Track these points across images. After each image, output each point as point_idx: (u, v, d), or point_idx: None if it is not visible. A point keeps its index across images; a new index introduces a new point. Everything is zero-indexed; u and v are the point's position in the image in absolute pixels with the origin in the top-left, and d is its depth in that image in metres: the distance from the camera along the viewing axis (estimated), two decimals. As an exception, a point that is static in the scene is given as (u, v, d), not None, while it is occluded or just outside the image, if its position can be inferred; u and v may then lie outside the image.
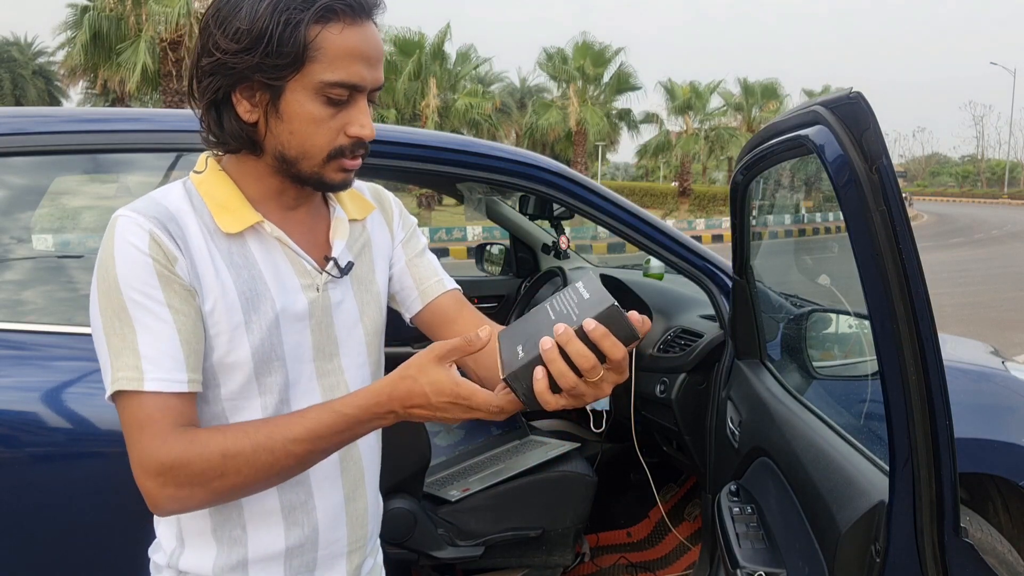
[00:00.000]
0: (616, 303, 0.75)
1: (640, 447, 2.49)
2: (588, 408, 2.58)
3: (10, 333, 1.59)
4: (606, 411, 2.57)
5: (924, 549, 1.18)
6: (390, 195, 1.15)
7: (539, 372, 0.76)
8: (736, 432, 1.94)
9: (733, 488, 1.75)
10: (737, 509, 1.66)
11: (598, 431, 2.55)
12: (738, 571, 1.48)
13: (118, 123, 1.73)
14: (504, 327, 0.92)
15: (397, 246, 1.12)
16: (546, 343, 0.76)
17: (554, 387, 0.77)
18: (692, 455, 2.29)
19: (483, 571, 2.34)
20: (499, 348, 0.88)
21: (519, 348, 0.82)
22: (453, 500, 2.16)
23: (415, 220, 1.17)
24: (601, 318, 0.75)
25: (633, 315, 0.77)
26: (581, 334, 0.75)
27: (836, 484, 1.36)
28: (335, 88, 0.88)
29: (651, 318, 2.62)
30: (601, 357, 0.75)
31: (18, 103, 37.92)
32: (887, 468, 1.21)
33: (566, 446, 2.42)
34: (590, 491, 2.33)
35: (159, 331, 0.85)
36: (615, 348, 0.75)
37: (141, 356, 0.83)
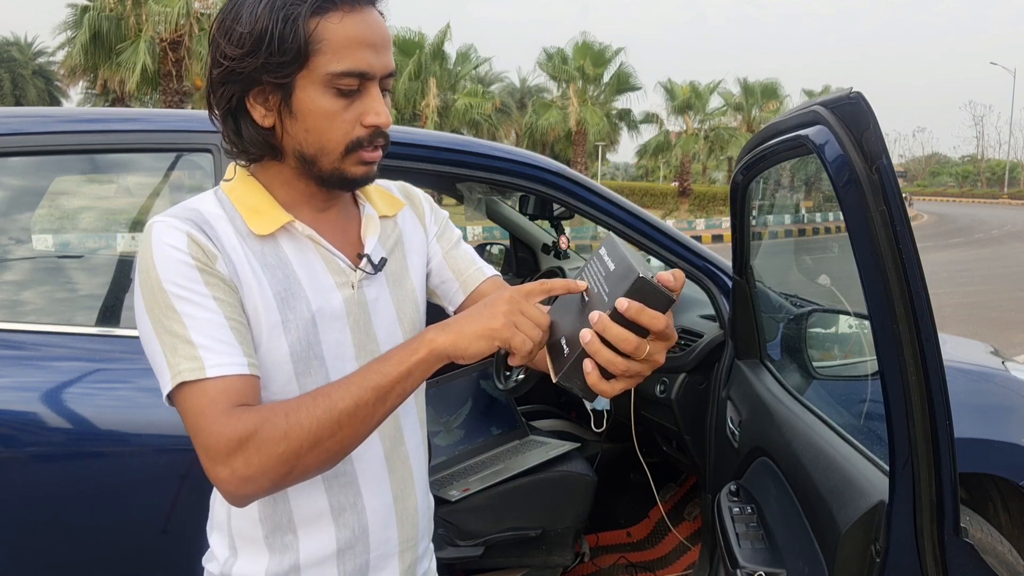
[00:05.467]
0: (641, 274, 0.73)
1: (640, 447, 2.49)
2: (588, 408, 2.59)
3: (10, 333, 1.59)
4: (606, 411, 2.56)
5: (924, 549, 1.18)
6: (419, 191, 1.15)
7: (588, 365, 0.76)
8: (736, 432, 1.94)
9: (733, 488, 1.75)
10: (737, 509, 1.66)
11: (598, 431, 2.55)
12: (738, 571, 1.48)
13: (117, 123, 1.73)
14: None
15: (432, 241, 1.12)
16: (585, 336, 0.75)
17: (607, 374, 0.76)
18: (692, 455, 2.29)
19: (483, 571, 2.34)
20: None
21: (563, 343, 0.81)
22: (453, 500, 2.16)
23: (447, 213, 1.16)
24: (632, 293, 0.73)
25: (662, 276, 0.74)
26: (617, 316, 0.73)
27: (836, 484, 1.36)
28: (343, 78, 0.88)
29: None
30: (643, 331, 0.74)
31: (18, 103, 37.92)
32: (887, 468, 1.21)
33: (566, 446, 2.42)
34: (590, 491, 2.33)
35: (209, 320, 0.84)
36: (654, 320, 0.73)
37: (197, 345, 0.83)
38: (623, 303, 0.72)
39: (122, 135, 1.70)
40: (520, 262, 3.64)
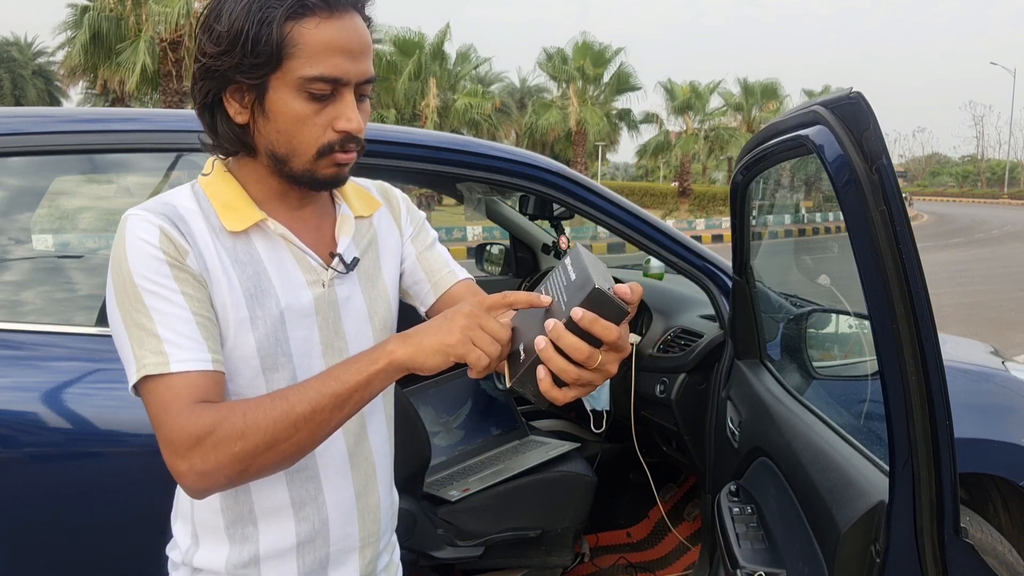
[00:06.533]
0: (597, 285, 0.74)
1: (640, 447, 2.49)
2: (588, 408, 2.59)
3: (10, 333, 1.59)
4: (606, 411, 2.57)
5: (924, 549, 1.18)
6: (397, 192, 1.16)
7: (541, 372, 0.77)
8: (736, 432, 1.94)
9: (733, 488, 1.75)
10: (737, 509, 1.66)
11: (598, 431, 2.55)
12: (738, 571, 1.48)
13: (117, 123, 1.73)
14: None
15: (406, 242, 1.13)
16: (540, 343, 0.76)
17: (559, 382, 0.77)
18: (692, 455, 2.29)
19: (482, 571, 2.34)
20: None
21: (521, 349, 0.82)
22: (453, 500, 2.16)
23: (424, 215, 1.17)
24: (587, 303, 0.74)
25: (620, 289, 0.76)
26: (571, 325, 0.75)
27: (836, 484, 1.36)
28: (316, 83, 0.88)
29: (651, 318, 2.62)
30: (596, 342, 0.75)
31: (18, 103, 37.91)
32: (887, 468, 1.21)
33: (566, 446, 2.42)
34: (590, 491, 2.33)
35: (176, 315, 0.86)
36: (607, 331, 0.74)
37: (163, 340, 0.84)
38: (577, 312, 0.74)
39: (122, 135, 1.70)
40: (520, 262, 3.64)
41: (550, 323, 0.76)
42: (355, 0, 0.91)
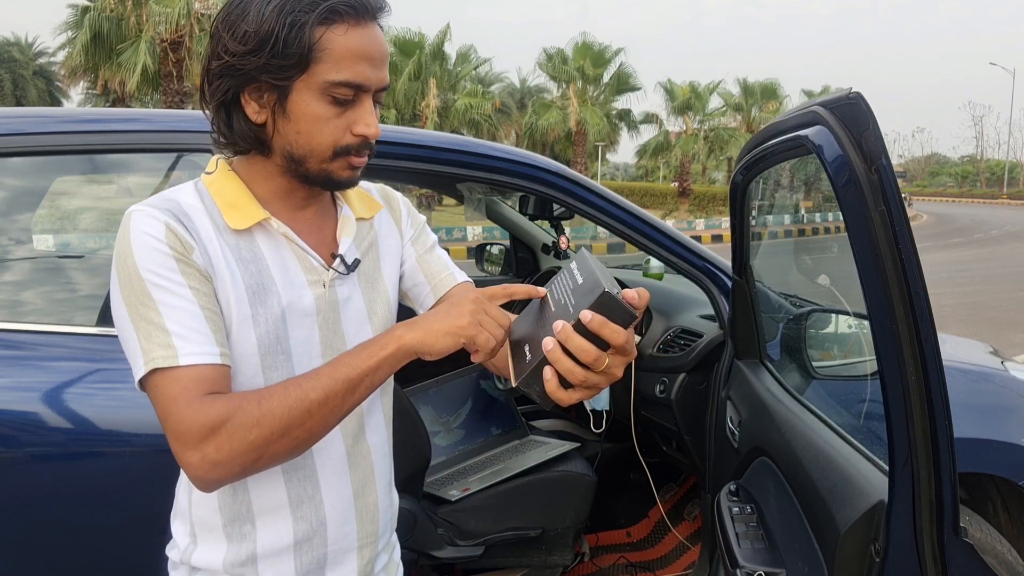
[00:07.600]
0: (607, 289, 0.75)
1: (640, 447, 2.49)
2: (588, 408, 2.59)
3: (10, 333, 1.59)
4: (606, 411, 2.57)
5: (924, 549, 1.18)
6: (398, 195, 1.17)
7: (548, 372, 0.79)
8: (736, 432, 1.94)
9: (733, 488, 1.75)
10: (737, 509, 1.67)
11: (598, 431, 2.55)
12: (738, 571, 1.48)
13: (118, 124, 1.73)
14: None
15: (407, 244, 1.14)
16: (548, 344, 0.77)
17: (565, 383, 0.79)
18: (692, 455, 2.29)
19: (483, 571, 2.34)
20: (509, 348, 0.90)
21: (526, 349, 0.84)
22: (453, 500, 2.16)
23: (424, 218, 1.19)
24: (596, 307, 0.75)
25: (627, 294, 0.77)
26: (580, 327, 0.76)
27: (836, 484, 1.36)
28: (340, 88, 0.90)
29: (650, 318, 2.63)
30: (604, 345, 0.77)
31: (18, 103, 37.90)
32: (887, 468, 1.21)
33: (566, 446, 2.43)
34: (590, 491, 2.33)
35: (184, 308, 0.86)
36: (615, 334, 0.76)
37: (171, 333, 0.85)
38: (587, 315, 0.76)
39: (122, 135, 1.70)
40: (520, 262, 3.64)
41: (558, 324, 0.77)
42: (377, 10, 0.92)
